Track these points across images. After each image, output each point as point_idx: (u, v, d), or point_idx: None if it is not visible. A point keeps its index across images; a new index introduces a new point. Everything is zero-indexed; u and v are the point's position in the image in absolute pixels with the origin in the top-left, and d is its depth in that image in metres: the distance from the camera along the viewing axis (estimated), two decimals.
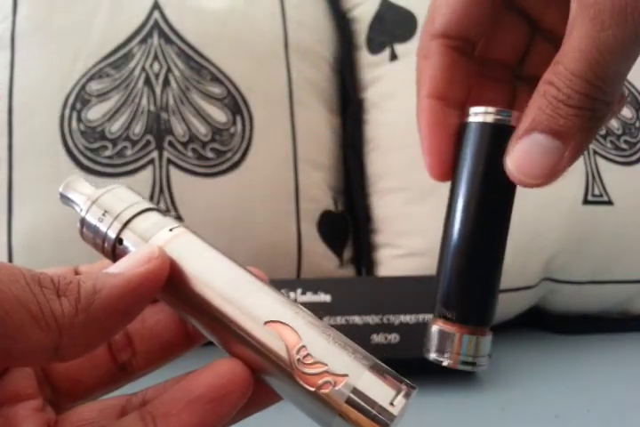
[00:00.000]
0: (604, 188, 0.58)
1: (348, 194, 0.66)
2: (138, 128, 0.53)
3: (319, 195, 0.60)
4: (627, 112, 0.63)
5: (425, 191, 0.57)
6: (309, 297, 0.47)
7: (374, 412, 0.16)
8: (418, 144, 0.24)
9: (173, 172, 0.53)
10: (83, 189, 0.21)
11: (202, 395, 0.16)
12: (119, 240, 0.20)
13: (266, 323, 0.17)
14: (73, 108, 0.53)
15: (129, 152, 0.52)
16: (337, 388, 0.16)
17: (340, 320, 0.46)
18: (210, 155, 0.54)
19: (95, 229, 0.20)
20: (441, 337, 0.21)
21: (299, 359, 0.17)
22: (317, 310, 0.47)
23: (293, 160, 0.58)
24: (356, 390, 0.16)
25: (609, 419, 0.41)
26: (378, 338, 0.45)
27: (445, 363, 0.20)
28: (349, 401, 0.16)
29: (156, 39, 0.56)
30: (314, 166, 0.60)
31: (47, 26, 0.55)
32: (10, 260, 0.50)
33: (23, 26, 0.55)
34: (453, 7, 0.22)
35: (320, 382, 0.16)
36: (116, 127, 0.53)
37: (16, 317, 0.14)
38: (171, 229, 0.19)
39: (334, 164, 0.64)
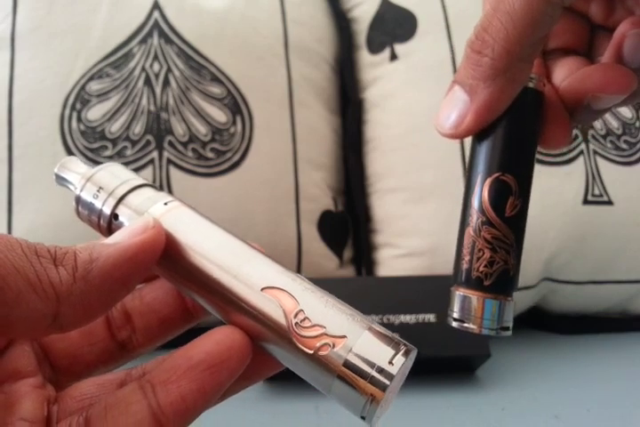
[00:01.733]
0: (604, 188, 0.58)
1: (348, 194, 0.66)
2: (138, 128, 0.53)
3: (319, 195, 0.60)
4: (627, 112, 0.63)
5: (425, 191, 0.57)
6: None
7: (373, 372, 0.16)
8: (418, 144, 0.24)
9: (173, 172, 0.53)
10: (77, 169, 0.21)
11: (200, 361, 0.16)
12: (114, 216, 0.20)
13: (263, 289, 0.17)
14: (73, 108, 0.53)
15: (129, 152, 0.52)
16: (335, 349, 0.16)
17: None
18: (210, 155, 0.54)
19: (90, 207, 0.20)
20: (464, 303, 0.21)
21: (297, 323, 0.17)
22: None
23: (293, 160, 0.58)
24: (353, 351, 0.16)
25: (609, 419, 0.41)
26: None
27: (470, 328, 0.20)
28: (347, 362, 0.16)
29: (156, 39, 0.56)
30: (314, 166, 0.60)
31: (47, 26, 0.55)
32: None
33: (23, 26, 0.55)
34: None
35: (318, 344, 0.16)
36: (116, 127, 0.53)
37: (13, 284, 0.14)
38: (165, 203, 0.20)
39: (334, 164, 0.64)
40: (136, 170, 0.52)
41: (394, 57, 0.62)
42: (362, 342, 0.16)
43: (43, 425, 0.17)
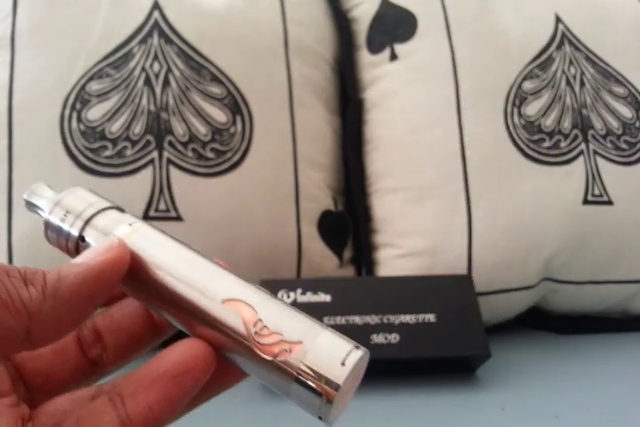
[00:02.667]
0: (604, 188, 0.58)
1: (348, 194, 0.66)
2: (138, 128, 0.53)
3: (319, 195, 0.60)
4: (627, 112, 0.63)
5: (425, 191, 0.57)
6: (309, 297, 0.47)
7: (326, 374, 0.17)
8: (418, 144, 0.24)
9: (173, 172, 0.53)
10: (46, 194, 0.22)
11: (166, 372, 0.17)
12: (81, 238, 0.21)
13: (224, 302, 0.18)
14: (73, 108, 0.53)
15: (129, 152, 0.52)
16: (292, 354, 0.17)
17: (339, 320, 0.46)
18: (210, 155, 0.54)
19: (58, 230, 0.21)
20: None
21: (256, 332, 0.18)
22: (317, 310, 0.47)
23: (293, 160, 0.58)
24: (309, 355, 0.17)
25: (609, 419, 0.41)
26: (378, 338, 0.45)
27: None
28: (303, 366, 0.17)
29: (156, 39, 0.56)
30: (314, 166, 0.60)
31: (47, 26, 0.55)
32: (10, 260, 0.50)
33: (23, 26, 0.55)
34: None
35: (277, 350, 0.17)
36: (116, 127, 0.53)
37: None
38: (130, 224, 0.21)
39: (334, 164, 0.64)
40: (136, 170, 0.52)
41: (394, 57, 0.62)
42: (316, 346, 0.17)
43: None
